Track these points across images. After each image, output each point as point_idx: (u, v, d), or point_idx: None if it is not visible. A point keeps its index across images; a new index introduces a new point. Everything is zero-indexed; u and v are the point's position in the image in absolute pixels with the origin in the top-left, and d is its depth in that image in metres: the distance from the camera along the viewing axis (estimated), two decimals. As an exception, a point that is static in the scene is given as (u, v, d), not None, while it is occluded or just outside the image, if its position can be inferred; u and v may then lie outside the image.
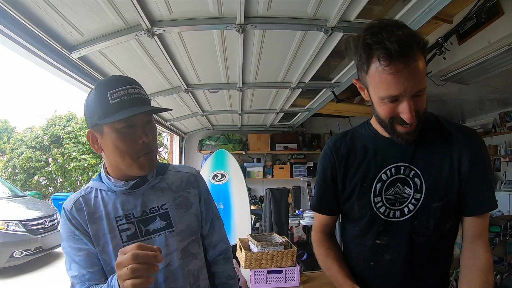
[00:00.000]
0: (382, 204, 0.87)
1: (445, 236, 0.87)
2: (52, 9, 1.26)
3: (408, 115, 0.75)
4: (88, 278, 0.78)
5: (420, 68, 0.74)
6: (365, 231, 0.90)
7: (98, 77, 1.96)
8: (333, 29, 1.60)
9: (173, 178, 0.91)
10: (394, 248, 0.86)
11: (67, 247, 0.80)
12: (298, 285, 2.02)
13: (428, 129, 0.85)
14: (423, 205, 0.83)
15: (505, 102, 4.26)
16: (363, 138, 0.92)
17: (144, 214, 0.83)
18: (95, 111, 0.76)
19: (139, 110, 0.75)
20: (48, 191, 10.92)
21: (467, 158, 0.81)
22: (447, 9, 2.14)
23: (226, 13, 1.49)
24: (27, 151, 10.53)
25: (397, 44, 0.69)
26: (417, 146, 0.85)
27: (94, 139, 0.81)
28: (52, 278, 4.43)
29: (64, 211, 0.82)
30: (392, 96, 0.75)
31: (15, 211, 4.95)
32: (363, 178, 0.88)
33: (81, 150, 10.22)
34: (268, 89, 2.81)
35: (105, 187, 0.85)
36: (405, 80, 0.72)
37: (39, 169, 10.56)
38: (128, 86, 0.77)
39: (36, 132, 11.07)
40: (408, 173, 0.85)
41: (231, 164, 3.77)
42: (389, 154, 0.87)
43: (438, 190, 0.83)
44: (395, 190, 0.86)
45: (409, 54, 0.71)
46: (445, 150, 0.84)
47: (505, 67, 2.67)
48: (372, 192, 0.87)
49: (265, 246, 2.04)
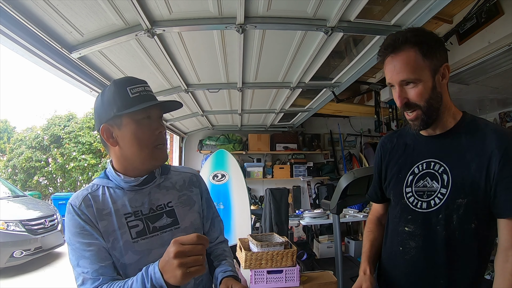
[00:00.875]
0: (411, 195, 0.95)
1: (469, 236, 0.87)
2: (52, 9, 1.26)
3: (396, 100, 0.89)
4: (101, 273, 0.77)
5: (409, 59, 0.84)
6: (398, 218, 0.98)
7: (98, 77, 1.96)
8: (333, 29, 1.60)
9: (176, 177, 0.96)
10: (419, 237, 0.92)
11: (75, 243, 0.78)
12: (298, 285, 2.02)
13: (462, 129, 0.90)
14: (448, 200, 0.87)
15: (505, 102, 4.26)
16: (407, 136, 1.02)
17: (152, 211, 0.87)
18: (113, 104, 0.81)
19: (157, 102, 0.83)
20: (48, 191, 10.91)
21: (497, 158, 0.82)
22: (447, 9, 2.14)
23: (226, 13, 1.49)
24: (27, 151, 10.52)
25: (390, 39, 0.86)
26: (449, 145, 0.91)
27: (108, 134, 0.83)
28: (52, 278, 4.43)
29: (71, 207, 0.81)
30: (388, 83, 0.90)
31: (15, 211, 4.94)
32: (400, 170, 0.99)
33: (81, 150, 10.21)
34: (268, 89, 2.81)
35: (112, 184, 0.86)
36: (393, 68, 0.86)
37: (39, 169, 10.56)
38: (144, 84, 0.85)
39: (36, 132, 11.06)
40: (438, 168, 0.90)
41: (231, 164, 3.77)
42: (423, 150, 0.95)
43: (464, 187, 0.86)
44: (424, 183, 0.92)
45: (397, 47, 0.85)
46: (476, 150, 0.86)
47: (505, 67, 2.67)
48: (405, 183, 0.96)
49: (265, 246, 2.04)
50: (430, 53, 0.84)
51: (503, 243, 0.84)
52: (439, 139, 0.93)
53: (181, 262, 0.64)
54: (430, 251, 0.90)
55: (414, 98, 0.86)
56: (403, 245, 0.96)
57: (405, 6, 1.53)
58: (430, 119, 0.89)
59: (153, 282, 0.67)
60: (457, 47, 2.52)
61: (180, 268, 0.64)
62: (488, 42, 2.24)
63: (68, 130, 10.55)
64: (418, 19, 1.57)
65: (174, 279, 0.65)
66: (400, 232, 0.97)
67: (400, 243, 0.97)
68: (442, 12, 1.86)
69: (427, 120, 0.88)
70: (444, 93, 0.89)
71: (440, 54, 0.86)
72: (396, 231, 0.99)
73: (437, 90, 0.87)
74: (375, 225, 1.17)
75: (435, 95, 0.87)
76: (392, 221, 1.02)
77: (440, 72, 0.87)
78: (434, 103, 0.87)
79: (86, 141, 10.18)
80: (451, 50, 2.48)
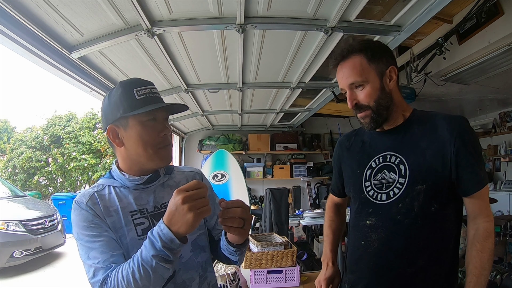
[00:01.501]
0: (371, 188, 0.99)
1: (431, 219, 0.91)
2: (52, 9, 1.26)
3: (348, 102, 0.97)
4: (113, 261, 0.76)
5: (355, 64, 0.93)
6: (358, 213, 1.02)
7: (98, 77, 1.96)
8: (333, 29, 1.60)
9: (180, 177, 0.97)
10: (381, 229, 0.95)
11: (83, 237, 0.78)
12: (298, 285, 2.02)
13: (414, 121, 0.97)
14: (407, 188, 0.92)
15: (505, 102, 4.26)
16: (364, 133, 1.08)
17: (156, 209, 0.87)
18: (120, 105, 0.82)
19: (163, 105, 0.84)
20: (48, 191, 10.91)
21: (451, 142, 0.88)
22: (447, 9, 2.14)
23: (226, 13, 1.49)
24: (27, 151, 10.52)
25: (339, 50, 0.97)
26: (403, 137, 0.97)
27: (115, 134, 0.85)
28: (52, 278, 4.43)
29: (78, 204, 0.81)
30: (341, 88, 0.99)
31: (15, 211, 4.94)
32: (358, 166, 1.04)
33: (81, 150, 10.20)
34: (268, 89, 2.81)
35: (118, 184, 0.87)
36: (343, 75, 0.96)
37: (39, 169, 10.56)
38: (150, 86, 0.86)
39: (36, 132, 11.05)
40: (394, 160, 0.95)
41: (231, 164, 3.77)
42: (379, 145, 1.01)
43: (421, 174, 0.90)
44: (382, 176, 0.97)
45: (344, 55, 0.95)
46: (429, 138, 0.92)
47: (505, 67, 2.67)
48: (363, 178, 1.01)
49: (265, 246, 2.04)
50: (375, 57, 0.93)
51: (471, 214, 0.92)
52: (393, 133, 0.99)
53: (190, 206, 0.66)
54: (394, 241, 0.93)
55: (363, 99, 0.94)
56: (364, 239, 0.99)
57: (405, 6, 1.53)
58: (380, 118, 0.95)
59: (163, 239, 0.68)
60: (457, 47, 2.52)
61: (190, 211, 0.66)
62: (488, 42, 2.24)
63: (68, 130, 10.55)
64: (418, 19, 1.57)
65: (186, 225, 0.67)
66: (361, 226, 1.00)
67: (361, 237, 1.00)
68: (442, 12, 1.86)
69: (377, 118, 0.95)
70: (394, 93, 0.96)
71: (385, 58, 0.95)
72: (357, 226, 1.02)
73: (385, 91, 0.94)
74: (334, 213, 1.26)
75: (384, 95, 0.94)
76: (353, 217, 1.06)
77: (387, 74, 0.95)
78: (383, 102, 0.94)
79: (86, 141, 10.18)
80: (451, 50, 2.48)
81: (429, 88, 3.20)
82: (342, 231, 1.25)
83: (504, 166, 4.81)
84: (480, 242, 0.87)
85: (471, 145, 0.89)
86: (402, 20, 1.64)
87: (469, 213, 0.93)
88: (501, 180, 4.80)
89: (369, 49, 0.93)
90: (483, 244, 0.87)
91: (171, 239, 0.67)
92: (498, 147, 4.85)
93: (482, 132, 5.07)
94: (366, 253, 0.98)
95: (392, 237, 0.93)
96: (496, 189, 4.69)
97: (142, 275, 0.69)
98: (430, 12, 1.50)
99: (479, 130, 5.12)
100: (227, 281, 2.18)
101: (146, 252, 0.69)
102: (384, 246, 0.94)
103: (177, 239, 0.68)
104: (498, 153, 4.83)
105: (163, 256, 0.68)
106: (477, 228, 0.89)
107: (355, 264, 1.03)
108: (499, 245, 3.25)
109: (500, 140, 4.82)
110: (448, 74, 2.90)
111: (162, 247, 0.67)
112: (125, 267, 0.71)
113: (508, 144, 4.69)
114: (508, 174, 4.75)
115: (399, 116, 0.98)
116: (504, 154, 4.71)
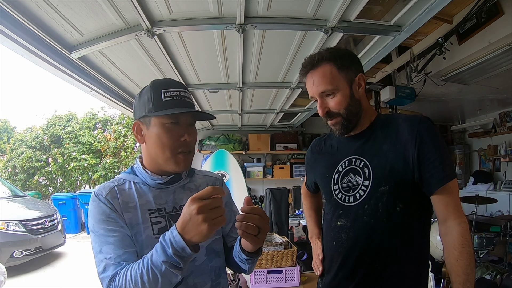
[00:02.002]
0: (339, 191, 1.02)
1: (396, 219, 0.93)
2: (52, 9, 1.26)
3: (318, 110, 0.99)
4: (124, 258, 0.76)
5: (324, 73, 0.95)
6: (331, 215, 1.05)
7: (98, 77, 1.96)
8: (333, 29, 1.60)
9: (200, 180, 0.98)
10: (350, 229, 0.98)
11: (99, 230, 0.78)
12: (298, 285, 2.02)
13: (378, 125, 1.00)
14: (371, 190, 0.94)
15: (505, 102, 4.26)
16: (333, 138, 1.12)
17: (174, 210, 0.88)
18: (146, 104, 0.83)
19: (186, 110, 0.84)
20: (48, 191, 10.88)
21: (412, 142, 0.90)
22: (447, 9, 2.14)
23: (226, 13, 1.49)
24: (27, 151, 10.51)
25: (309, 58, 0.98)
26: (367, 141, 1.00)
27: (139, 130, 0.86)
28: (52, 278, 4.43)
29: (97, 196, 0.81)
30: (311, 96, 1.01)
31: (15, 211, 4.94)
32: (327, 170, 1.07)
33: (81, 150, 10.19)
34: (268, 89, 2.81)
35: (139, 180, 0.88)
36: (313, 83, 0.97)
37: (39, 169, 10.54)
38: (181, 89, 0.85)
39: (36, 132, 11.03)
40: (359, 164, 0.99)
41: (231, 164, 3.77)
42: (345, 149, 1.04)
43: (383, 176, 0.93)
44: (348, 179, 1.00)
45: (314, 64, 0.96)
46: (391, 140, 0.95)
47: (505, 67, 2.67)
48: (332, 181, 1.04)
49: (265, 246, 2.04)
50: (344, 65, 0.95)
51: (440, 216, 0.91)
52: (359, 137, 1.02)
53: (205, 217, 0.64)
54: (361, 240, 0.96)
55: (334, 107, 0.96)
56: (336, 239, 1.02)
57: (405, 6, 1.53)
58: (351, 124, 0.98)
59: (174, 246, 0.66)
60: (457, 47, 2.52)
61: (205, 222, 0.64)
62: (488, 42, 2.24)
63: (68, 130, 10.54)
64: (418, 19, 1.57)
65: (200, 236, 0.65)
66: (333, 227, 1.03)
67: (333, 237, 1.03)
68: (442, 12, 1.86)
69: (347, 125, 0.98)
70: (362, 100, 1.00)
71: (354, 66, 0.97)
72: (330, 227, 1.05)
73: (355, 98, 0.97)
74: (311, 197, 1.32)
75: (353, 102, 0.97)
76: (326, 218, 1.09)
77: (356, 82, 0.97)
78: (353, 109, 0.97)
79: (86, 141, 10.16)
80: (451, 50, 2.48)
81: (429, 88, 3.20)
82: (321, 209, 1.32)
83: (504, 166, 4.81)
84: (457, 249, 0.85)
85: (432, 143, 0.89)
86: (402, 20, 1.63)
87: (437, 215, 0.91)
88: (501, 180, 4.80)
89: (339, 58, 0.95)
90: (460, 250, 0.85)
91: (183, 248, 0.66)
92: (498, 147, 4.85)
93: (482, 132, 5.07)
94: (338, 252, 1.01)
95: (360, 237, 0.96)
96: (496, 189, 4.69)
97: (150, 278, 0.68)
98: (430, 12, 1.49)
99: (479, 130, 5.12)
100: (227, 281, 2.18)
101: (157, 257, 0.68)
102: (353, 246, 0.97)
103: (189, 248, 0.66)
104: (498, 153, 4.83)
105: (173, 263, 0.67)
106: (450, 233, 0.87)
107: (329, 264, 1.07)
108: (499, 245, 3.25)
109: (500, 140, 4.82)
110: (448, 74, 2.90)
111: (173, 254, 0.66)
112: (134, 268, 0.71)
113: (508, 144, 4.69)
114: (508, 174, 4.75)
115: (365, 121, 1.01)
116: (504, 154, 4.71)
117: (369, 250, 0.95)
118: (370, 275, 0.95)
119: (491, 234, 3.03)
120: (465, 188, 5.09)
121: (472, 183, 5.00)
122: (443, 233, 0.90)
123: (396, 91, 2.99)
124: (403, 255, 0.94)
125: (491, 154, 4.97)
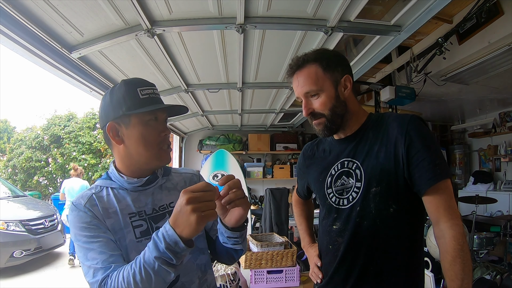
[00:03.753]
0: (333, 195, 1.01)
1: (389, 220, 0.92)
2: (52, 9, 1.26)
3: (303, 110, 0.99)
4: (112, 261, 0.75)
5: (309, 74, 0.95)
6: (326, 219, 1.04)
7: (98, 77, 1.96)
8: (333, 29, 1.60)
9: (177, 179, 0.97)
10: (344, 232, 0.97)
11: (81, 238, 0.77)
12: (298, 285, 2.03)
13: (369, 126, 0.99)
14: (363, 191, 0.93)
15: (505, 102, 4.26)
16: (325, 142, 1.12)
17: (155, 212, 0.87)
18: (123, 103, 0.82)
19: (165, 105, 0.85)
20: (48, 191, 10.89)
21: (401, 142, 0.89)
22: (447, 9, 2.14)
23: (226, 13, 1.49)
24: (27, 151, 10.52)
25: (295, 59, 0.98)
26: (359, 143, 0.99)
27: (115, 132, 0.84)
28: (52, 278, 4.43)
29: (75, 205, 0.80)
30: (297, 97, 1.01)
31: (15, 211, 4.94)
32: (320, 174, 1.06)
33: (81, 150, 10.20)
34: (268, 89, 2.81)
35: (116, 185, 0.87)
36: (298, 83, 0.97)
37: (39, 169, 10.55)
38: (153, 87, 0.87)
39: (36, 132, 11.04)
40: (351, 166, 0.98)
41: (231, 164, 3.77)
42: (338, 152, 1.04)
43: (375, 177, 0.92)
44: (341, 182, 0.99)
45: (300, 65, 0.96)
46: (381, 141, 0.94)
47: (505, 67, 2.67)
48: (325, 185, 1.03)
49: (265, 246, 2.04)
50: (330, 66, 0.95)
51: (432, 218, 0.89)
52: (351, 139, 1.01)
53: (194, 207, 0.64)
54: (356, 243, 0.95)
55: (318, 108, 0.96)
56: (332, 243, 1.01)
57: (405, 6, 1.53)
58: (334, 126, 0.98)
59: (167, 240, 0.66)
60: (457, 47, 2.52)
61: (194, 213, 0.64)
62: (488, 42, 2.24)
63: (68, 130, 10.54)
64: (418, 19, 1.57)
65: (189, 228, 0.64)
66: (329, 231, 1.02)
67: (329, 241, 1.03)
68: (442, 12, 1.86)
69: (330, 126, 0.98)
70: (349, 101, 0.99)
71: (341, 67, 0.97)
72: (326, 231, 1.04)
73: (340, 99, 0.96)
74: (302, 204, 1.32)
75: (339, 104, 0.96)
76: (321, 223, 1.08)
77: (342, 83, 0.97)
78: (338, 110, 0.96)
79: (86, 141, 10.17)
80: (451, 50, 2.48)
81: (429, 88, 3.20)
82: (312, 217, 1.33)
83: (504, 166, 4.82)
84: (450, 253, 0.83)
85: (421, 143, 0.88)
86: (402, 20, 1.63)
87: (430, 216, 0.89)
88: (501, 180, 4.80)
89: (324, 59, 0.95)
90: (453, 255, 0.82)
91: (176, 241, 0.65)
92: (498, 147, 4.85)
93: (482, 132, 5.08)
94: (334, 256, 1.00)
95: (354, 239, 0.95)
96: (496, 189, 4.69)
97: (143, 277, 0.67)
98: (430, 12, 1.49)
99: (479, 130, 5.12)
100: (227, 281, 2.18)
101: (149, 254, 0.67)
102: (349, 249, 0.96)
103: (182, 242, 0.66)
104: (498, 153, 4.83)
105: (165, 259, 0.66)
106: (443, 237, 0.85)
107: (326, 268, 1.06)
108: (499, 245, 3.25)
109: (500, 140, 4.82)
110: (448, 74, 2.90)
111: (165, 248, 0.66)
112: (127, 269, 0.70)
113: (508, 144, 4.69)
114: (508, 174, 4.75)
115: (355, 123, 1.00)
116: (504, 154, 4.71)
117: (363, 253, 0.94)
118: (364, 278, 0.94)
119: (491, 234, 3.03)
120: (465, 188, 5.09)
121: (472, 183, 5.00)
122: (437, 236, 0.87)
123: (396, 91, 2.99)
124: (398, 256, 0.93)
125: (491, 154, 4.97)
